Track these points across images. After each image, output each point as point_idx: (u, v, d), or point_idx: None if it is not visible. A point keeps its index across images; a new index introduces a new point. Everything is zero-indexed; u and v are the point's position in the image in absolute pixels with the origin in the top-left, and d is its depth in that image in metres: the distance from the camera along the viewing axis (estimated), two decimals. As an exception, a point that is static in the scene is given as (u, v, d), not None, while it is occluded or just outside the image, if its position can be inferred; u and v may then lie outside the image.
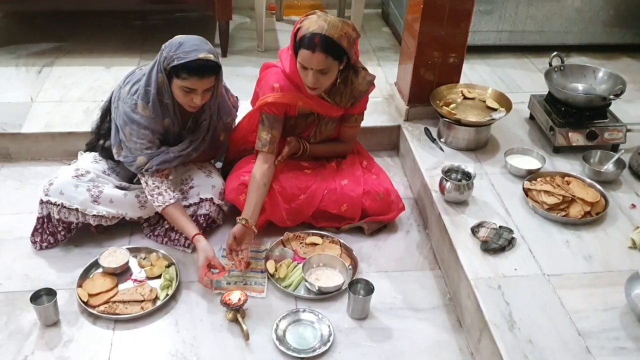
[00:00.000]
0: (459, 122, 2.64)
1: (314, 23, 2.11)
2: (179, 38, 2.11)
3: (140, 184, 2.28)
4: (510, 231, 2.19)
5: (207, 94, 2.16)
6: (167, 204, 2.20)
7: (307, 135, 2.44)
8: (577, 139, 2.63)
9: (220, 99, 2.33)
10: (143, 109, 2.17)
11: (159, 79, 2.13)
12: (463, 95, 2.83)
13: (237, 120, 2.55)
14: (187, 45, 2.07)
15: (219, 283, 2.20)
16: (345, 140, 2.53)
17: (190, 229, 2.20)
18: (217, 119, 2.33)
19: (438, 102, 2.75)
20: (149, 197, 2.23)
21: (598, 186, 2.39)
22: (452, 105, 2.75)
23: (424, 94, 2.82)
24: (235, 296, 2.05)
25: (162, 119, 2.21)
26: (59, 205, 2.23)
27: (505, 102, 2.73)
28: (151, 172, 2.21)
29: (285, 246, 2.38)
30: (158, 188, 2.21)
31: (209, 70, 2.09)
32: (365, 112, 2.49)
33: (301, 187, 2.38)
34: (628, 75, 2.70)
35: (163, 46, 2.13)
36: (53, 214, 2.24)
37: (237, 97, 2.55)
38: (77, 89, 3.11)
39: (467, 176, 2.38)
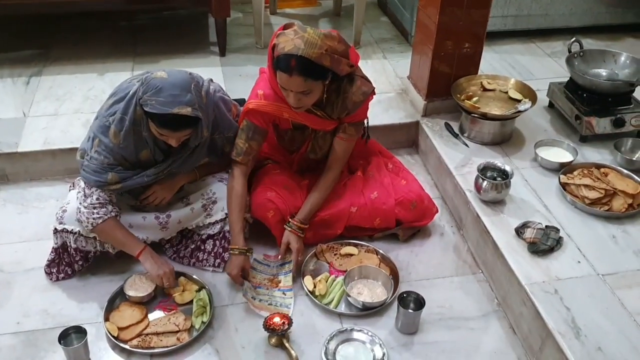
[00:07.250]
0: (484, 116, 2.53)
1: (290, 42, 1.86)
2: (159, 79, 1.82)
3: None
4: (557, 230, 2.10)
5: (185, 137, 1.95)
6: (109, 215, 1.99)
7: (304, 151, 2.28)
8: (603, 126, 2.55)
9: (218, 114, 2.10)
10: (114, 136, 1.94)
11: (136, 111, 1.90)
12: (482, 86, 2.72)
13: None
14: (164, 94, 1.79)
15: (244, 292, 2.08)
16: (333, 159, 2.22)
17: (137, 241, 2.06)
18: (210, 134, 2.09)
19: (459, 95, 2.64)
20: (83, 209, 1.98)
21: (635, 176, 2.32)
22: (474, 99, 2.64)
23: (442, 88, 2.72)
24: (278, 319, 1.92)
25: (135, 150, 1.99)
26: (75, 233, 2.06)
27: (528, 93, 2.64)
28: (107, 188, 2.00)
29: (319, 259, 2.26)
30: (100, 203, 1.99)
31: (184, 124, 1.86)
32: (364, 120, 2.24)
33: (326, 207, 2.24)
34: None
35: (143, 78, 1.86)
36: (69, 242, 2.07)
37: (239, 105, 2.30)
38: (72, 100, 2.90)
39: (503, 173, 2.28)
